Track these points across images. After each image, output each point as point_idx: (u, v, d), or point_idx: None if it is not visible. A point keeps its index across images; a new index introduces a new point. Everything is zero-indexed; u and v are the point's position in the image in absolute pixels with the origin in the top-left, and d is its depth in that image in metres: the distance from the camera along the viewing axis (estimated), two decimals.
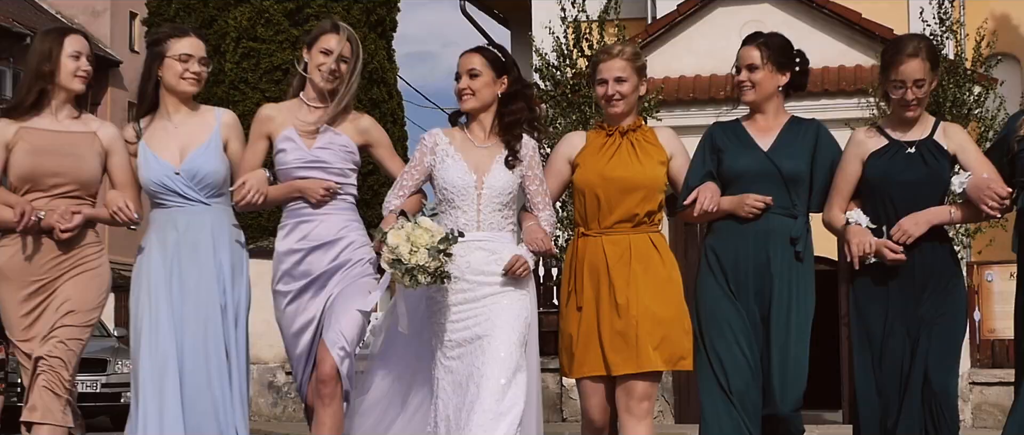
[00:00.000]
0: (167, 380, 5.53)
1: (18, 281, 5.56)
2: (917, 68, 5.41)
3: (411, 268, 5.22)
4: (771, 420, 5.49)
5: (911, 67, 5.41)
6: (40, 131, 5.62)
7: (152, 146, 5.69)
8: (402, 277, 5.26)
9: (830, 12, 15.01)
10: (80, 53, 5.64)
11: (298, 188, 5.70)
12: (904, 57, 5.43)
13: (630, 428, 5.55)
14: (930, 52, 5.49)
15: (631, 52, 5.74)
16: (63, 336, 5.50)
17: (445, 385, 5.51)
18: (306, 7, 17.40)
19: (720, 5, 15.45)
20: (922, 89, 5.44)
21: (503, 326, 5.42)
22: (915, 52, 5.43)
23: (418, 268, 5.22)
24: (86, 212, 5.58)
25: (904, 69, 5.42)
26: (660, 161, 5.65)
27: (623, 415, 5.57)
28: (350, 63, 5.76)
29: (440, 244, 5.23)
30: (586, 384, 5.64)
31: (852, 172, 5.53)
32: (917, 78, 5.41)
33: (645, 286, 5.53)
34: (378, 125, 5.96)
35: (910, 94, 5.42)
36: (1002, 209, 5.35)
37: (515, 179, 5.59)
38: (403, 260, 5.22)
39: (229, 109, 5.99)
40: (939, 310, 5.43)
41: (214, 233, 5.68)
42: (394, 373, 5.68)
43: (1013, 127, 5.53)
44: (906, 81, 5.42)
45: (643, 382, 5.53)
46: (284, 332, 5.79)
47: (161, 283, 5.63)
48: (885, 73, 5.53)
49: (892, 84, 5.47)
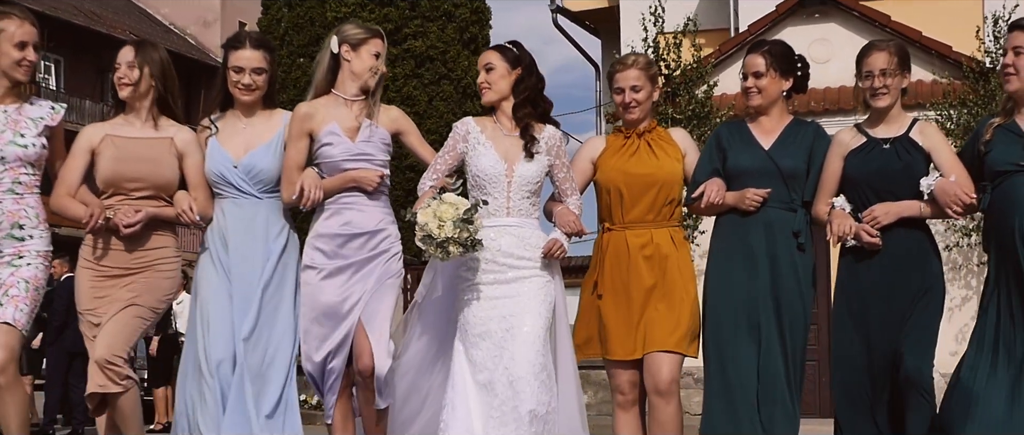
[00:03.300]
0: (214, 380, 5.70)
1: (95, 268, 5.76)
2: (883, 59, 5.61)
3: (442, 242, 5.38)
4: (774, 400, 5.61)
5: (877, 58, 5.62)
6: (123, 138, 5.80)
7: (221, 139, 5.91)
8: (436, 251, 5.41)
9: (892, 30, 14.92)
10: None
11: (353, 178, 5.80)
12: (873, 50, 5.65)
13: (659, 408, 5.73)
14: (900, 50, 5.69)
15: (644, 62, 5.97)
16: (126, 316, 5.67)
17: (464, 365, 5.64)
18: (404, 27, 18.03)
19: (790, 24, 15.64)
20: (889, 79, 5.59)
21: (531, 311, 5.60)
22: (883, 46, 5.67)
23: (448, 240, 5.37)
24: (149, 210, 5.72)
25: (871, 59, 5.63)
26: (676, 158, 5.87)
27: (651, 395, 5.76)
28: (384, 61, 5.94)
29: (465, 214, 5.37)
30: (612, 365, 5.84)
31: (834, 169, 5.70)
32: (883, 67, 5.59)
33: (665, 276, 5.76)
34: (404, 114, 6.06)
35: (878, 82, 5.60)
36: (966, 211, 5.51)
37: (543, 168, 5.77)
38: (433, 235, 5.38)
39: None
40: (916, 296, 5.54)
41: (266, 224, 5.85)
42: (425, 340, 5.84)
43: (980, 131, 5.63)
44: (873, 70, 5.61)
45: (668, 364, 5.69)
46: (306, 310, 5.84)
47: (217, 282, 5.82)
48: (858, 69, 5.71)
49: (863, 76, 5.66)
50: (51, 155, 5.77)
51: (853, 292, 5.65)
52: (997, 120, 5.60)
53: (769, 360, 5.65)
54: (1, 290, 5.50)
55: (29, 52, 5.63)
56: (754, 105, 5.88)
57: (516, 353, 5.53)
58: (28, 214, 5.60)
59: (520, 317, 5.60)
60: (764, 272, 5.69)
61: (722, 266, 5.78)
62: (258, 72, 5.90)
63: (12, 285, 5.50)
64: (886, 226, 5.56)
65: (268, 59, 5.94)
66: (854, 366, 5.63)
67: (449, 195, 5.47)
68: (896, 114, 5.71)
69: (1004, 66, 5.53)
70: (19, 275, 5.54)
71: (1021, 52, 5.46)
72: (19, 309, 5.49)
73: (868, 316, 5.60)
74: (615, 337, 5.81)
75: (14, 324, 5.46)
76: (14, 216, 5.56)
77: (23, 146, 5.58)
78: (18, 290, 5.51)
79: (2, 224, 5.54)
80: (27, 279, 5.54)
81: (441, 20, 18.31)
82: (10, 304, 5.48)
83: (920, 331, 5.53)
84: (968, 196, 5.44)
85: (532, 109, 5.78)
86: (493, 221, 5.65)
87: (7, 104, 5.65)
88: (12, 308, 5.47)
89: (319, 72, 5.96)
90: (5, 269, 5.54)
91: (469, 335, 5.66)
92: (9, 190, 5.56)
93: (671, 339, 5.73)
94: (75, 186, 5.79)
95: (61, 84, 35.89)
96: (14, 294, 5.50)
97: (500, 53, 5.84)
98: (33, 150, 5.60)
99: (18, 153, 5.57)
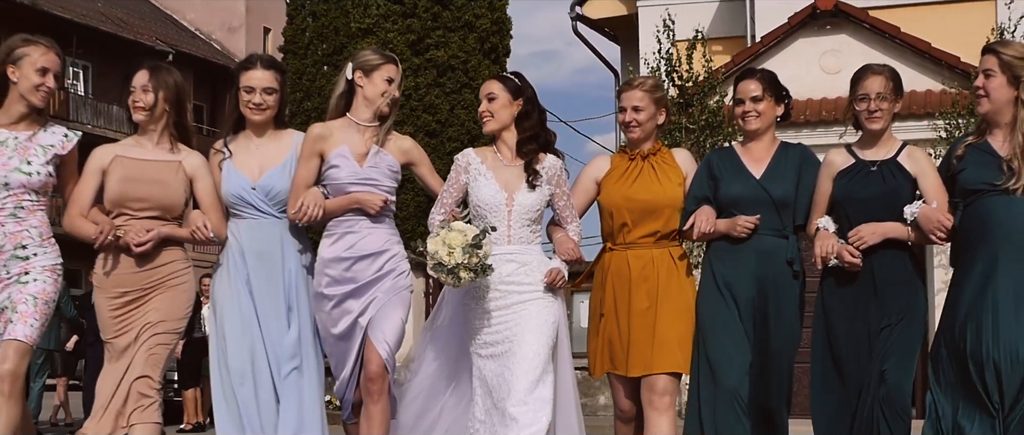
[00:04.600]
0: (242, 389, 5.82)
1: (109, 290, 5.82)
2: (879, 83, 5.66)
3: (452, 268, 5.46)
4: (762, 412, 5.73)
5: (873, 82, 5.67)
6: (132, 159, 5.85)
7: (235, 162, 5.96)
8: (447, 277, 5.49)
9: (902, 41, 15.34)
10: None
11: (357, 200, 5.83)
12: (869, 74, 5.68)
13: (653, 421, 5.78)
14: (893, 75, 5.72)
15: (651, 84, 6.00)
16: (151, 345, 5.73)
17: (478, 387, 5.77)
18: (426, 38, 18.34)
19: (802, 36, 15.90)
20: (884, 103, 5.65)
21: (532, 330, 5.68)
22: (879, 71, 5.70)
23: (458, 266, 5.45)
24: (160, 230, 5.78)
25: (867, 83, 5.68)
26: (678, 182, 5.89)
27: (647, 409, 5.80)
28: (399, 89, 6.00)
29: (474, 240, 5.45)
30: (614, 379, 5.93)
31: (824, 190, 5.75)
32: (878, 91, 5.65)
33: (664, 296, 5.80)
34: (418, 146, 6.09)
35: (873, 105, 5.65)
36: (948, 237, 5.50)
37: (543, 196, 5.82)
38: (444, 263, 5.46)
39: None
40: (899, 314, 5.58)
41: (283, 243, 5.92)
42: (436, 364, 5.95)
43: (954, 150, 5.66)
44: (869, 94, 5.66)
45: (663, 379, 5.75)
46: (325, 334, 5.91)
47: (234, 294, 5.90)
48: (852, 91, 5.75)
49: (858, 99, 5.70)
50: (62, 181, 5.86)
51: (833, 311, 5.70)
52: (970, 139, 5.65)
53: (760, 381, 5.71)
54: (11, 307, 5.61)
55: (49, 79, 5.73)
56: (752, 129, 5.90)
57: (517, 372, 5.62)
58: (31, 234, 5.68)
59: (521, 336, 5.69)
60: (756, 299, 5.72)
61: (713, 293, 5.79)
62: (269, 92, 5.96)
63: (21, 301, 5.62)
64: (872, 249, 5.58)
65: (279, 80, 6.01)
66: (831, 387, 5.70)
67: (458, 222, 5.59)
68: (886, 138, 5.75)
69: (975, 88, 5.58)
70: (26, 291, 5.63)
71: (991, 75, 5.51)
72: (29, 325, 5.59)
73: (847, 336, 5.64)
74: (617, 354, 5.87)
75: (25, 340, 5.57)
76: (17, 238, 5.66)
77: (27, 174, 5.67)
78: (27, 306, 5.61)
79: (5, 246, 5.64)
80: (34, 294, 5.64)
81: (462, 30, 18.58)
82: (20, 321, 5.58)
83: (901, 350, 5.58)
84: (949, 221, 5.47)
85: (536, 145, 5.85)
86: (495, 249, 5.68)
87: (20, 130, 5.73)
88: (23, 325, 5.58)
89: (334, 96, 6.03)
90: (14, 287, 5.64)
91: (476, 357, 5.78)
92: (11, 214, 5.66)
93: (668, 360, 5.77)
94: (87, 207, 5.84)
95: (89, 90, 36.20)
96: (23, 310, 5.60)
97: (502, 83, 5.90)
98: (37, 178, 5.69)
99: (22, 180, 5.66)
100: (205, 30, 41.89)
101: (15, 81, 5.71)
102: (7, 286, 5.66)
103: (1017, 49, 5.54)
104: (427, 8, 18.48)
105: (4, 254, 5.66)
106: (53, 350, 14.53)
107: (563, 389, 5.81)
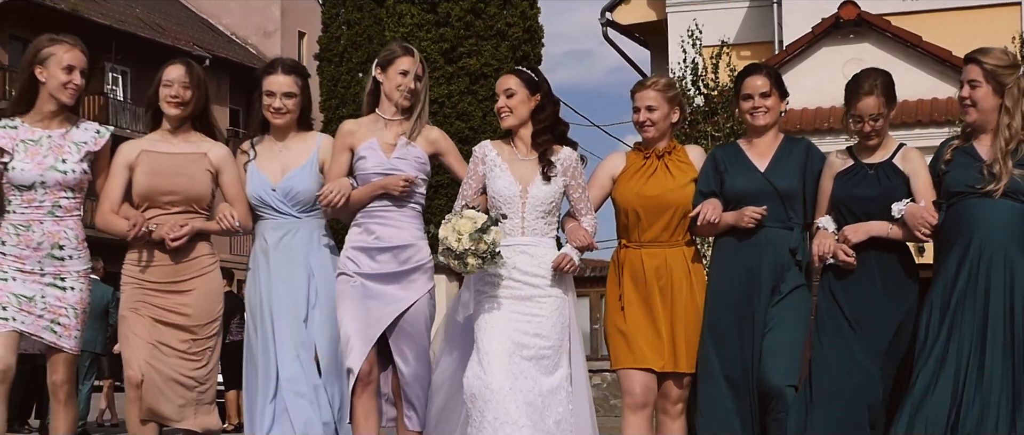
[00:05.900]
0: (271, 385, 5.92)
1: (140, 285, 5.95)
2: (872, 104, 5.67)
3: (460, 254, 5.52)
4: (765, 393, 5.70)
5: (867, 104, 5.69)
6: (157, 154, 5.97)
7: (258, 163, 6.07)
8: (456, 263, 5.55)
9: (924, 50, 15.51)
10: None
11: (380, 185, 5.89)
12: (861, 95, 5.68)
13: (666, 426, 5.89)
14: (885, 88, 5.72)
15: (664, 84, 6.01)
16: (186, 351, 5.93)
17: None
18: (459, 46, 18.71)
19: (825, 45, 16.06)
20: (878, 122, 5.68)
21: (541, 335, 5.73)
22: (870, 90, 5.67)
23: (466, 252, 5.50)
24: (194, 225, 5.91)
25: (861, 106, 5.69)
26: (691, 179, 5.91)
27: (660, 415, 5.89)
28: (423, 81, 6.01)
29: (481, 226, 5.50)
30: (628, 369, 5.88)
31: (826, 189, 5.82)
32: (872, 113, 5.67)
33: (678, 297, 5.84)
34: (446, 135, 6.15)
35: (867, 127, 5.71)
36: (933, 234, 5.60)
37: (557, 189, 5.82)
38: (452, 248, 5.52)
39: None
40: (893, 320, 5.64)
41: (305, 243, 6.01)
42: (457, 354, 5.95)
43: (941, 152, 5.73)
44: (863, 116, 5.69)
45: (677, 384, 5.84)
46: (343, 308, 5.89)
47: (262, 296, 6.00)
48: (847, 107, 5.76)
49: (852, 118, 5.74)
50: (95, 177, 5.95)
51: (833, 307, 5.74)
52: (957, 142, 5.75)
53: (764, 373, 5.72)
54: (50, 315, 5.77)
55: (76, 76, 5.81)
56: (761, 124, 5.94)
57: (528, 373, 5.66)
58: (67, 236, 5.80)
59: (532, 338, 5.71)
60: (764, 289, 5.78)
61: (722, 285, 5.85)
62: (289, 96, 6.04)
63: (62, 314, 5.78)
64: (867, 249, 5.68)
65: (299, 84, 6.08)
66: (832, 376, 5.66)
67: (469, 210, 5.63)
68: (884, 141, 5.81)
69: (961, 99, 5.68)
70: (66, 301, 5.79)
71: (977, 85, 5.61)
72: (73, 337, 5.81)
73: (844, 334, 5.69)
74: (635, 345, 5.85)
75: (71, 351, 5.81)
76: (54, 237, 5.77)
77: (63, 172, 5.77)
78: (69, 318, 5.80)
79: (42, 244, 5.75)
80: (74, 305, 5.81)
81: (495, 39, 18.93)
82: (64, 334, 5.78)
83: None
84: (935, 218, 5.55)
85: (550, 136, 5.86)
86: (508, 240, 5.73)
87: (53, 128, 5.85)
88: (67, 338, 5.79)
89: (364, 94, 6.15)
90: (50, 290, 5.78)
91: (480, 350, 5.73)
92: (49, 212, 5.77)
93: (686, 360, 5.82)
94: (118, 202, 5.95)
95: (128, 95, 36.56)
96: (66, 323, 5.79)
97: (519, 78, 5.88)
98: (73, 176, 5.80)
99: (58, 178, 5.76)
100: (241, 35, 42.10)
101: (43, 81, 5.81)
102: (40, 283, 5.77)
103: (998, 57, 5.65)
104: (460, 17, 18.83)
105: (41, 251, 5.78)
106: (100, 354, 14.78)
107: (577, 385, 5.84)
